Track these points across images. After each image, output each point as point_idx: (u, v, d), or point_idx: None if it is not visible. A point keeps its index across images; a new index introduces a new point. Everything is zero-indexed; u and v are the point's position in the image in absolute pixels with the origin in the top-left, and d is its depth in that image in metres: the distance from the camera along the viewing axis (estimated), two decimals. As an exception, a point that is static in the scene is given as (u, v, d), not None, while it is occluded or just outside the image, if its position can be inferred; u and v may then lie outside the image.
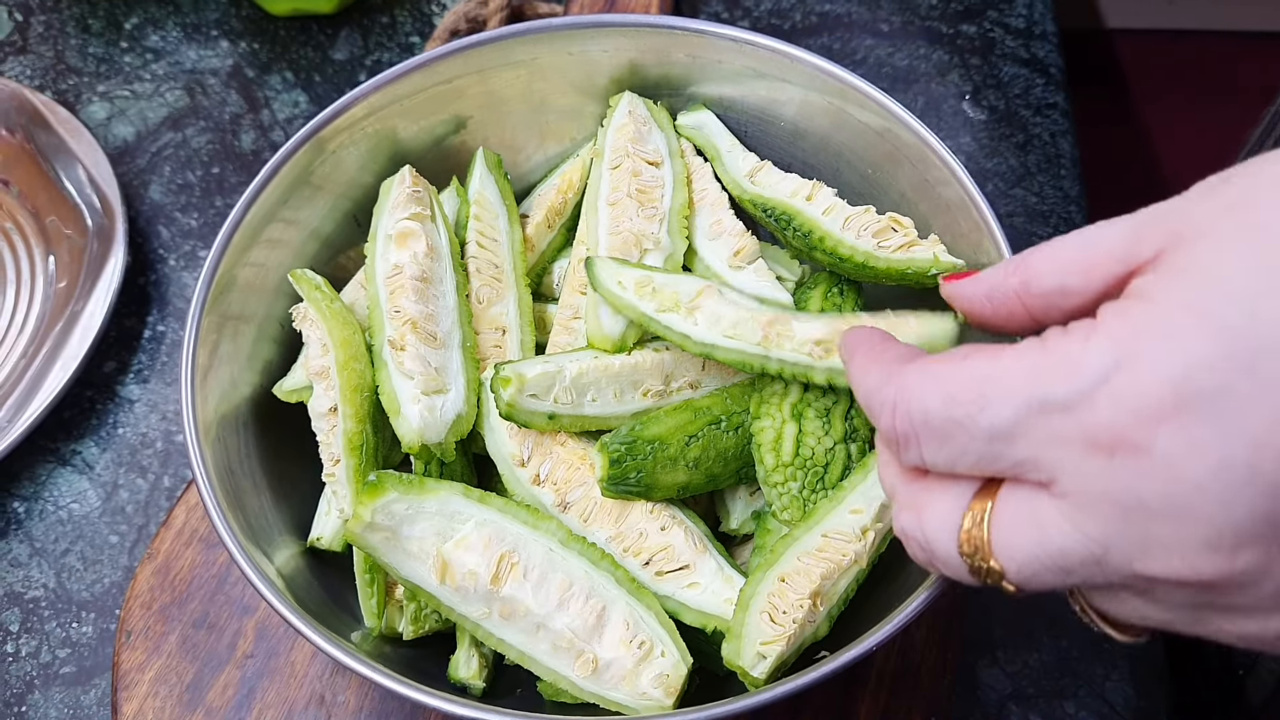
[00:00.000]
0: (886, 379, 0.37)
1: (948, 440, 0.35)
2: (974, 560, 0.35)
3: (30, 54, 0.87)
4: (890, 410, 0.36)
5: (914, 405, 0.36)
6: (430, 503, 0.50)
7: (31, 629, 0.65)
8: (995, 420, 0.33)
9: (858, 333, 0.43)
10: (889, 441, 0.37)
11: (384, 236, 0.57)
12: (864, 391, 0.39)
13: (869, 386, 0.38)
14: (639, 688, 0.48)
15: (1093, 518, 0.32)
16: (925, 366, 0.36)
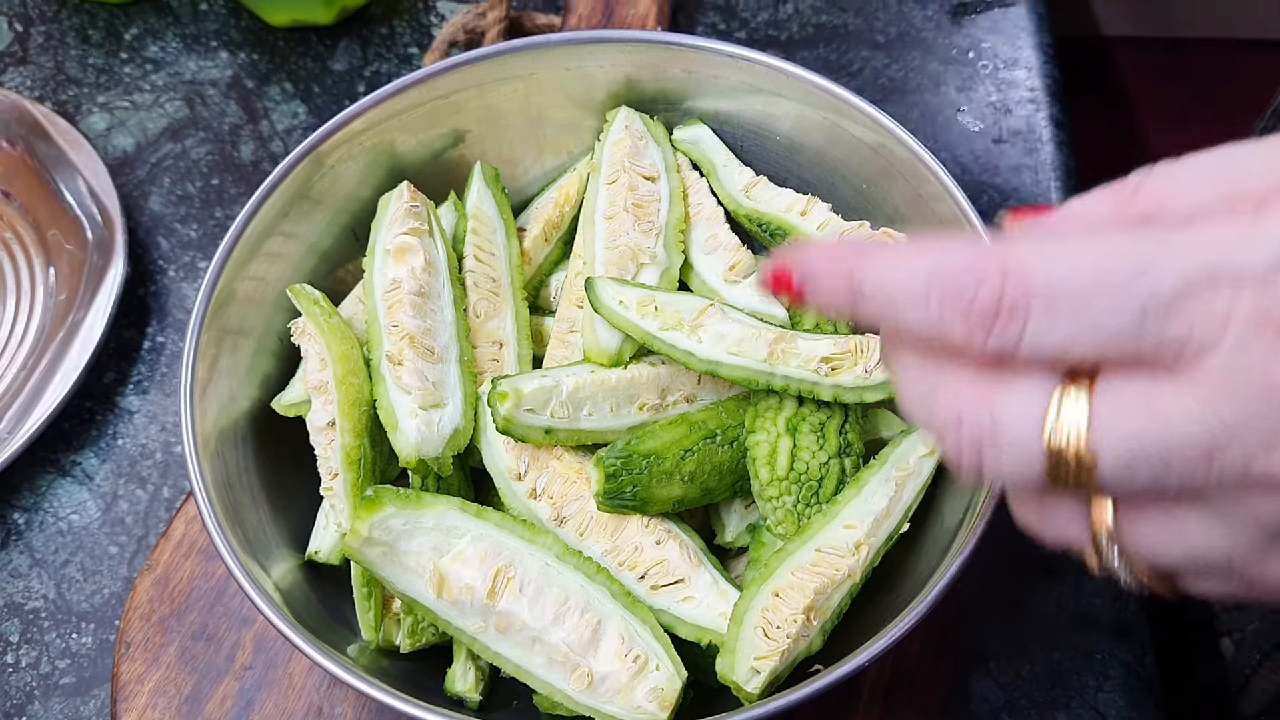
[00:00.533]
0: (982, 252, 0.31)
1: (1079, 312, 0.30)
2: (1063, 449, 0.30)
3: (30, 65, 0.88)
4: (997, 278, 0.30)
5: (1036, 272, 0.30)
6: (427, 517, 0.50)
7: (31, 640, 0.66)
8: (1157, 287, 0.29)
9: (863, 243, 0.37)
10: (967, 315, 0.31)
11: (382, 251, 0.57)
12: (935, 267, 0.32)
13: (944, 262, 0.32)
14: (634, 701, 0.49)
15: (1232, 400, 0.29)
16: (1042, 240, 0.31)
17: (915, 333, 0.33)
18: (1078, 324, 0.30)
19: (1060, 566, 0.65)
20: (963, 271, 0.31)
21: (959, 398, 0.32)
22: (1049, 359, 0.31)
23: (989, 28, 0.87)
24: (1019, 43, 0.87)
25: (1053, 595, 0.65)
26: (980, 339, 0.31)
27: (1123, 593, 0.65)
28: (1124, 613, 0.64)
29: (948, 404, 0.33)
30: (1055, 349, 0.30)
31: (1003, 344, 0.31)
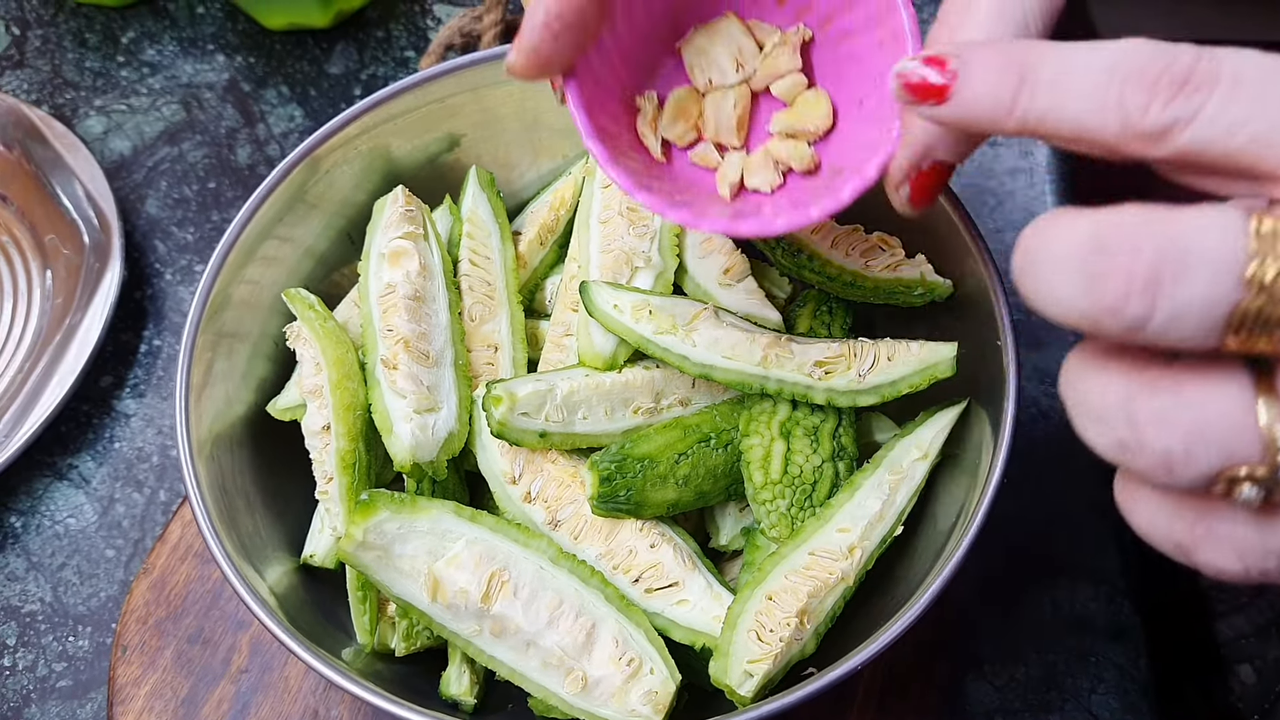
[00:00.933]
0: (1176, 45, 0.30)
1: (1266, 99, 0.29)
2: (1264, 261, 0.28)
3: (27, 68, 0.88)
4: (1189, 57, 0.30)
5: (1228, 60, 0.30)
6: (422, 521, 0.50)
7: (28, 643, 0.66)
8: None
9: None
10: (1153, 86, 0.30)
11: (377, 255, 0.57)
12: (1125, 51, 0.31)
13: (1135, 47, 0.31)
14: (628, 705, 0.49)
15: None
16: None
17: (1079, 117, 0.32)
18: (1261, 106, 0.29)
19: (1055, 569, 0.66)
20: (1155, 54, 0.31)
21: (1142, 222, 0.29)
22: (1217, 144, 0.30)
23: (984, 31, 0.88)
24: (1014, 46, 0.87)
25: (1047, 598, 0.65)
26: (1159, 109, 0.30)
27: (1117, 595, 0.65)
28: (1119, 616, 0.64)
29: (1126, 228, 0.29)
30: (1228, 126, 0.30)
31: (1178, 115, 0.30)
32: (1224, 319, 0.28)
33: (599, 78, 0.45)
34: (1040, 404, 0.72)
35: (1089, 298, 0.29)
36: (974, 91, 0.33)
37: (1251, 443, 0.29)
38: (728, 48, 0.48)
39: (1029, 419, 0.71)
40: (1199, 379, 0.30)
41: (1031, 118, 0.33)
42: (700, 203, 0.45)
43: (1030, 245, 0.31)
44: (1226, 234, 0.28)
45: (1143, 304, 0.29)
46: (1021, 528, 0.66)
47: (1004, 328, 0.51)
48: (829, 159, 0.47)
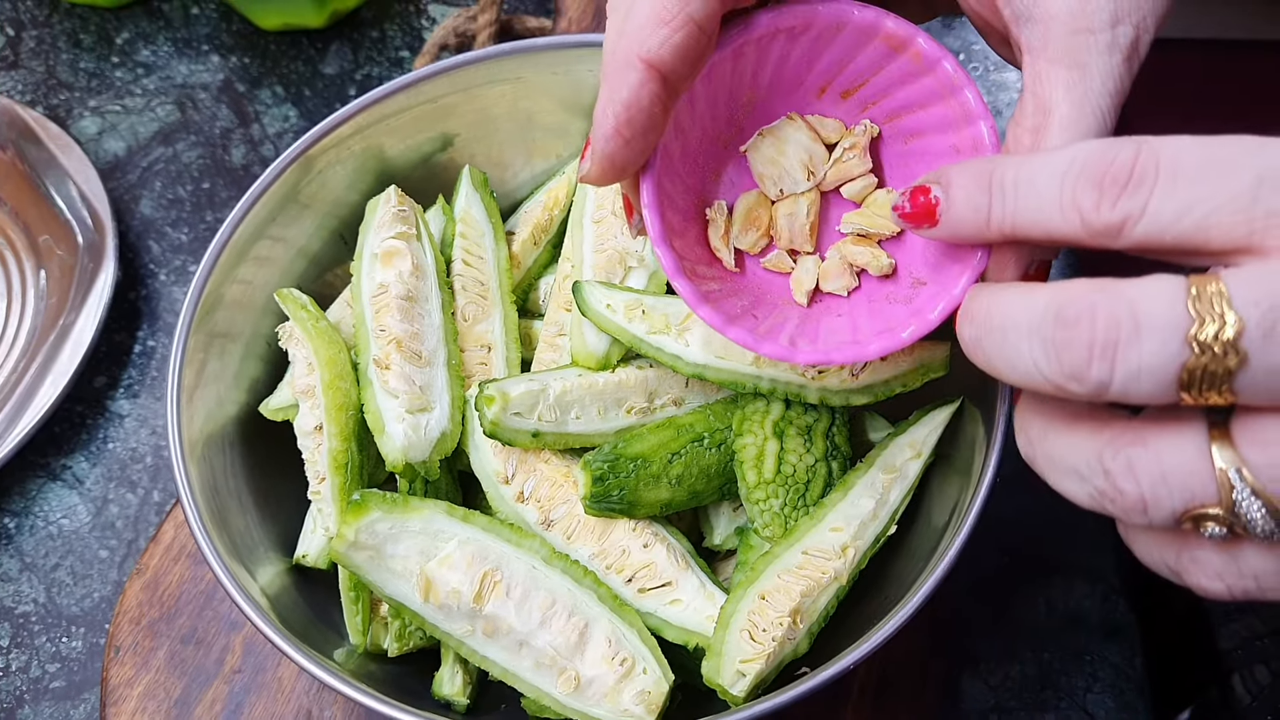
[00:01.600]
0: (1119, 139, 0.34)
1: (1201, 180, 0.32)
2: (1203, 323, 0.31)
3: (22, 69, 0.88)
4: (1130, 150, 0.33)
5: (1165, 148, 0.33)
6: (414, 521, 0.50)
7: (22, 644, 0.66)
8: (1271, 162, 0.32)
9: None
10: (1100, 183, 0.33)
11: (369, 255, 0.57)
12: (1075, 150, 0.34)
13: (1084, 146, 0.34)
14: (621, 704, 0.49)
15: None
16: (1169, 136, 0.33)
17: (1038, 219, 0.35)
18: (1198, 190, 0.32)
19: (1049, 567, 0.66)
20: (1100, 153, 0.34)
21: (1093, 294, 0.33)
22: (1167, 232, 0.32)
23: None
24: (1009, 45, 0.87)
25: (1042, 597, 0.65)
26: (1108, 208, 0.33)
27: (1112, 594, 0.65)
28: (1114, 614, 0.64)
29: (1081, 301, 0.33)
30: (1174, 214, 0.32)
31: (1128, 212, 0.33)
32: (1175, 378, 0.31)
33: (663, 186, 0.45)
34: (1035, 403, 0.72)
35: (1055, 365, 0.33)
36: (958, 205, 0.38)
37: (1208, 486, 0.32)
38: (797, 155, 0.48)
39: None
40: (1160, 431, 0.33)
41: (1007, 225, 0.36)
42: (769, 318, 0.46)
43: (984, 317, 0.35)
44: (1170, 300, 0.31)
45: (1103, 369, 0.32)
46: (1016, 526, 0.66)
47: (997, 326, 0.51)
48: (904, 264, 0.47)
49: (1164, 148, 0.33)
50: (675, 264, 0.43)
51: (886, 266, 0.47)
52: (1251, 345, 0.30)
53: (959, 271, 0.42)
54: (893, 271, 0.47)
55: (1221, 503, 0.32)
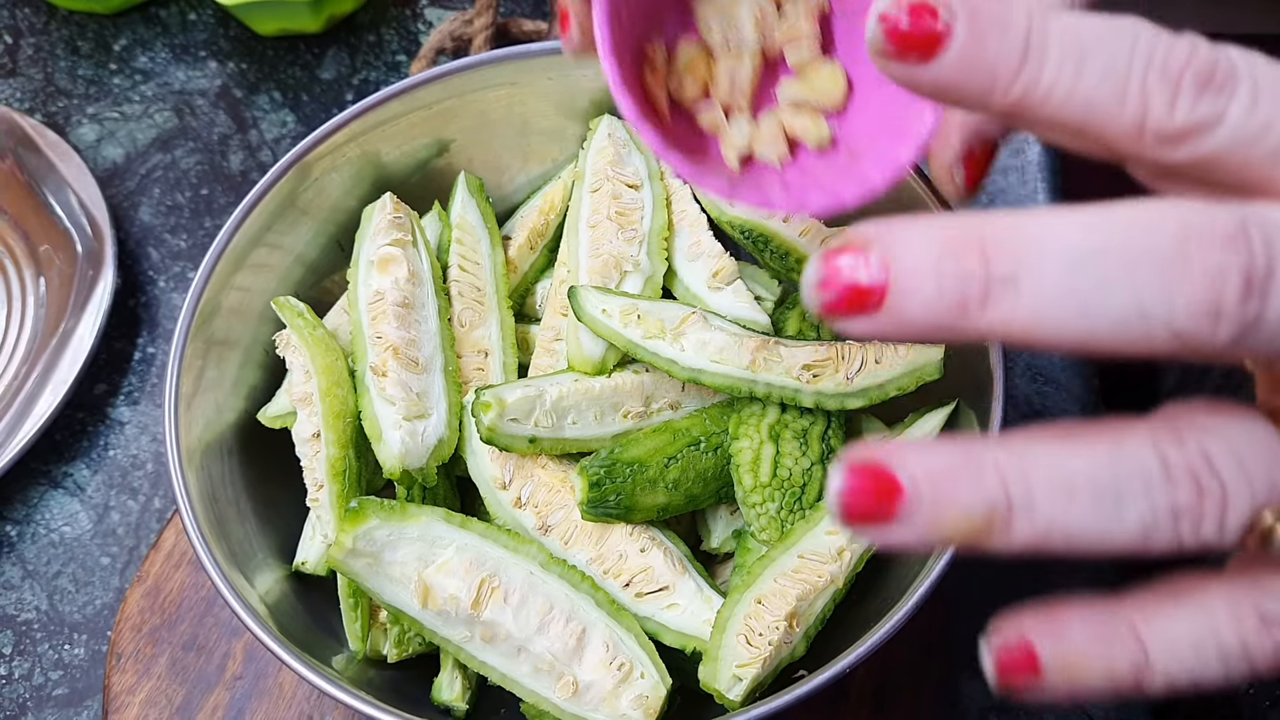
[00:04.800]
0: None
1: None
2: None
3: (20, 76, 0.88)
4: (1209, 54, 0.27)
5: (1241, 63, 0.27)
6: (412, 528, 0.50)
7: (24, 651, 0.66)
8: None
9: None
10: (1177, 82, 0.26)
11: (366, 262, 0.58)
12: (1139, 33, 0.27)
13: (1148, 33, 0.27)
14: (619, 709, 0.49)
15: None
16: None
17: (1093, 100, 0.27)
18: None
19: (1046, 566, 0.66)
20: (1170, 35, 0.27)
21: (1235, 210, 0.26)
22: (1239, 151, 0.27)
23: (975, 29, 0.87)
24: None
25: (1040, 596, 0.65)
26: (1186, 107, 0.27)
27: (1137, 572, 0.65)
28: (1112, 613, 0.64)
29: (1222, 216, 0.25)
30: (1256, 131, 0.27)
31: (1207, 116, 0.27)
32: None
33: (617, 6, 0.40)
34: (1034, 402, 0.72)
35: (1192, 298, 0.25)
36: (971, 49, 0.27)
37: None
38: (750, 7, 0.44)
39: (1022, 417, 0.71)
40: (1213, 414, 0.27)
41: (1036, 96, 0.27)
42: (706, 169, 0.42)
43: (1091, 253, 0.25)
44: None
45: (1254, 305, 0.25)
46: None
47: (991, 329, 0.51)
48: (845, 140, 0.43)
49: (1241, 57, 0.27)
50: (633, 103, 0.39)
51: (825, 138, 0.43)
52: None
53: (903, 143, 0.39)
54: (830, 145, 0.44)
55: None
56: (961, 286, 0.25)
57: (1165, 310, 0.24)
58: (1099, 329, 0.25)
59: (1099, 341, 0.25)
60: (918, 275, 0.25)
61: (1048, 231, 0.25)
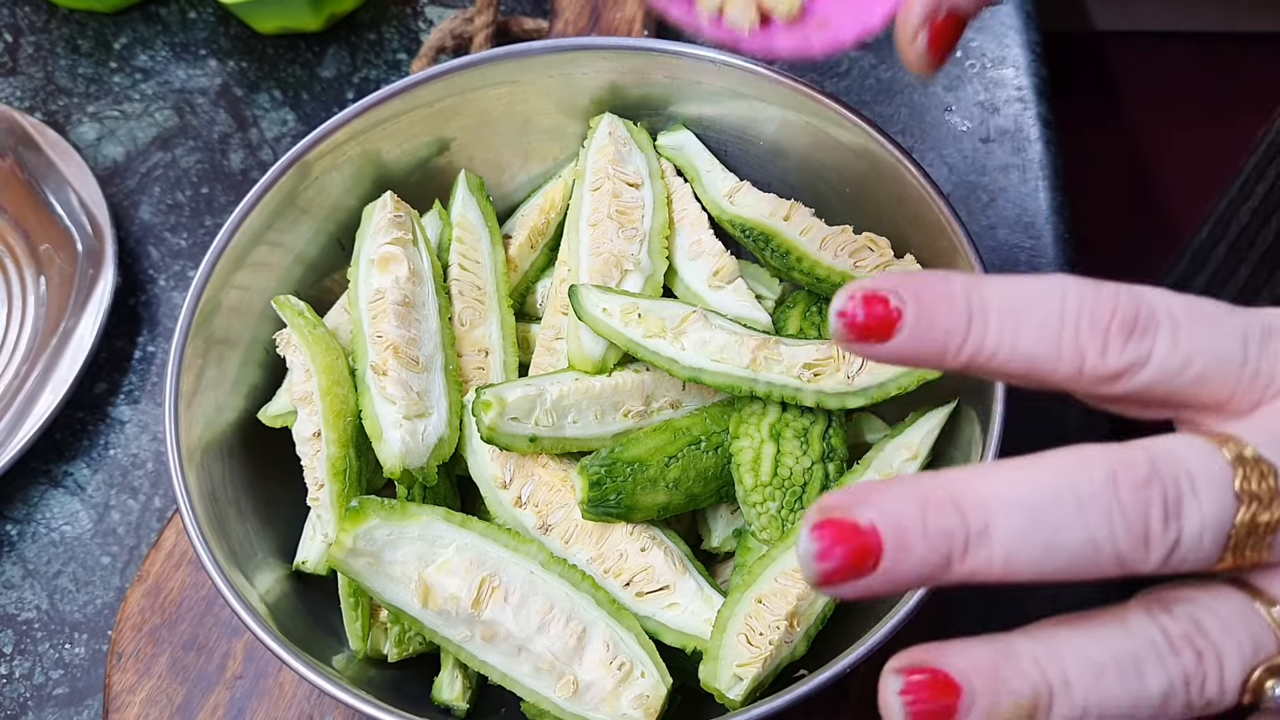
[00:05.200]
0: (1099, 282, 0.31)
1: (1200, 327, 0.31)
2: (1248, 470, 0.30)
3: (20, 75, 0.88)
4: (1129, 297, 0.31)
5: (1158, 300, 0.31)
6: (412, 527, 0.50)
7: (25, 650, 0.66)
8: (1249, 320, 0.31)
9: None
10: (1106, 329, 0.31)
11: (366, 261, 0.58)
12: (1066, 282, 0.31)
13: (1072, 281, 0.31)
14: (619, 708, 0.49)
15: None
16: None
17: (1033, 355, 0.32)
18: (1197, 342, 0.31)
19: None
20: (1095, 289, 0.31)
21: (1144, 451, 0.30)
22: (1166, 383, 0.31)
23: (976, 26, 0.87)
24: (1006, 41, 0.86)
25: (1042, 593, 0.65)
26: (1117, 353, 0.31)
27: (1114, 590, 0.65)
28: (1113, 612, 0.64)
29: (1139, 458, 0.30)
30: (1179, 365, 0.31)
31: (1135, 358, 0.31)
32: (1228, 534, 0.30)
33: None
34: (1033, 402, 0.72)
35: (1124, 533, 0.29)
36: (922, 330, 0.32)
37: (1267, 633, 0.30)
38: None
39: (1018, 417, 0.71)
40: (1196, 592, 0.31)
41: (982, 357, 0.32)
42: None
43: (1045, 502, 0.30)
44: (1209, 453, 0.30)
45: (1174, 529, 0.29)
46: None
47: (993, 327, 0.51)
48: (818, 11, 0.44)
49: (1153, 295, 0.32)
50: None
51: (795, 9, 0.44)
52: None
53: (871, 12, 0.41)
54: (799, 16, 0.44)
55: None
56: (947, 543, 0.29)
57: (1110, 542, 0.29)
58: (1060, 563, 0.29)
59: (1061, 573, 0.29)
60: (909, 534, 0.29)
61: (1007, 486, 0.29)
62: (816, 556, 0.29)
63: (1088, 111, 1.62)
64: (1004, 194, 0.80)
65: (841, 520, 0.29)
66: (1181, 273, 0.86)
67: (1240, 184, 0.78)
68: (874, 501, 0.29)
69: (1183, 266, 0.86)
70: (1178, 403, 0.32)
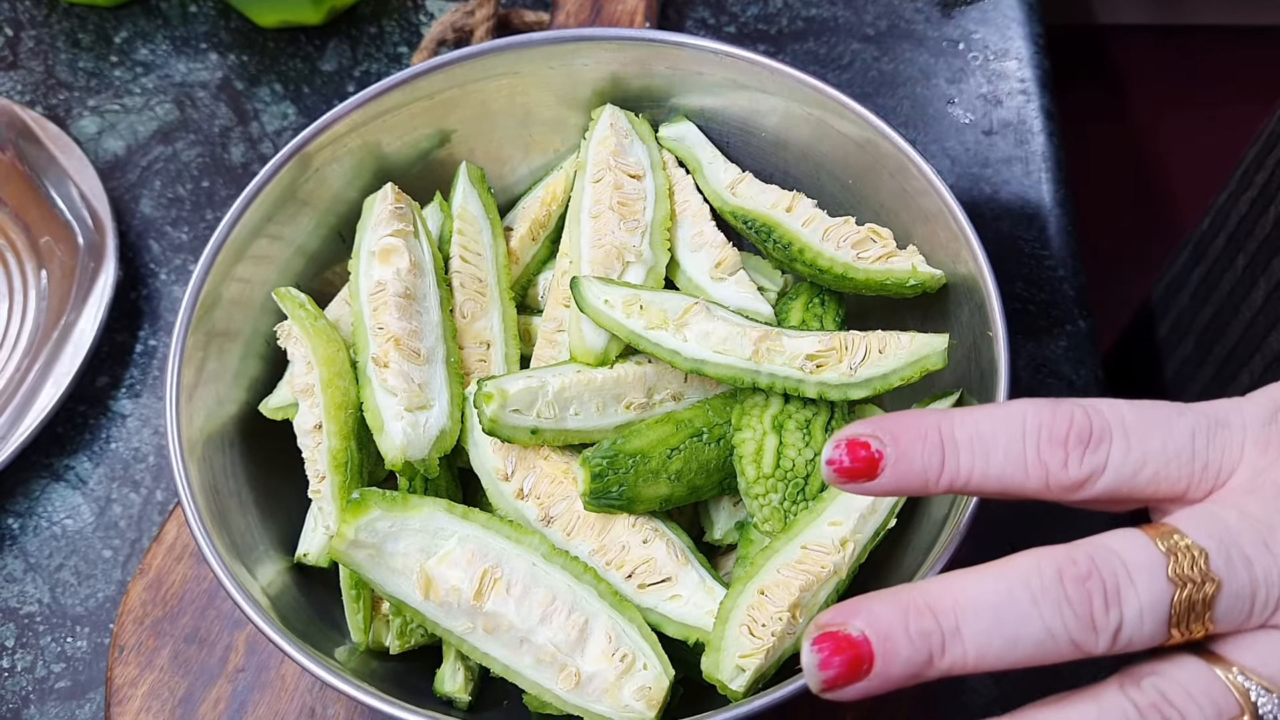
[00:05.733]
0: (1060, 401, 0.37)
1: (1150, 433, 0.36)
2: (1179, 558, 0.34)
3: (21, 69, 0.88)
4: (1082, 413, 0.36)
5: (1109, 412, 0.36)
6: (414, 519, 0.50)
7: (27, 644, 0.66)
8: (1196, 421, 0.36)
9: None
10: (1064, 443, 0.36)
11: (367, 253, 0.57)
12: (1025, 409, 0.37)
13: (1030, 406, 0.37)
14: (621, 700, 0.49)
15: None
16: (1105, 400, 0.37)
17: (1003, 475, 0.37)
18: (1149, 446, 0.36)
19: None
20: (1051, 409, 0.37)
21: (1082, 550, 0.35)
22: (1126, 485, 0.36)
23: (979, 19, 0.87)
24: (1009, 34, 0.86)
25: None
26: (1076, 465, 0.36)
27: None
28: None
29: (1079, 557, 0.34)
30: (1133, 469, 0.36)
31: (1093, 467, 0.36)
32: (1167, 614, 0.34)
33: None
34: (1036, 394, 0.72)
35: (1073, 621, 0.34)
36: (907, 461, 0.37)
37: (1229, 697, 0.34)
38: None
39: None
40: (1160, 664, 0.35)
41: (961, 480, 0.37)
42: None
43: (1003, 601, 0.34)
44: (1143, 544, 0.35)
45: (1115, 614, 0.34)
46: (1017, 517, 0.66)
47: (996, 318, 0.51)
48: None
49: (1106, 408, 0.37)
50: None
51: None
52: (1219, 570, 0.34)
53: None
54: None
55: (1245, 709, 0.34)
56: (926, 643, 0.34)
57: (1063, 630, 0.33)
58: (1024, 651, 0.34)
59: (1027, 659, 0.34)
60: (894, 640, 0.33)
61: (973, 590, 0.34)
62: (819, 666, 0.34)
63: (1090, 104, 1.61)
64: (1006, 186, 0.80)
65: (836, 633, 0.34)
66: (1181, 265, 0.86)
67: (1240, 174, 0.78)
68: (862, 614, 0.34)
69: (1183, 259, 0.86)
70: (1139, 499, 0.37)
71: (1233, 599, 0.34)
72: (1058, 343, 0.73)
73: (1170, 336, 0.88)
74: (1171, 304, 0.88)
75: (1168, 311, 0.89)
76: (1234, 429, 0.37)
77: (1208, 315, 0.80)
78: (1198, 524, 0.35)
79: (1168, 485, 0.37)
